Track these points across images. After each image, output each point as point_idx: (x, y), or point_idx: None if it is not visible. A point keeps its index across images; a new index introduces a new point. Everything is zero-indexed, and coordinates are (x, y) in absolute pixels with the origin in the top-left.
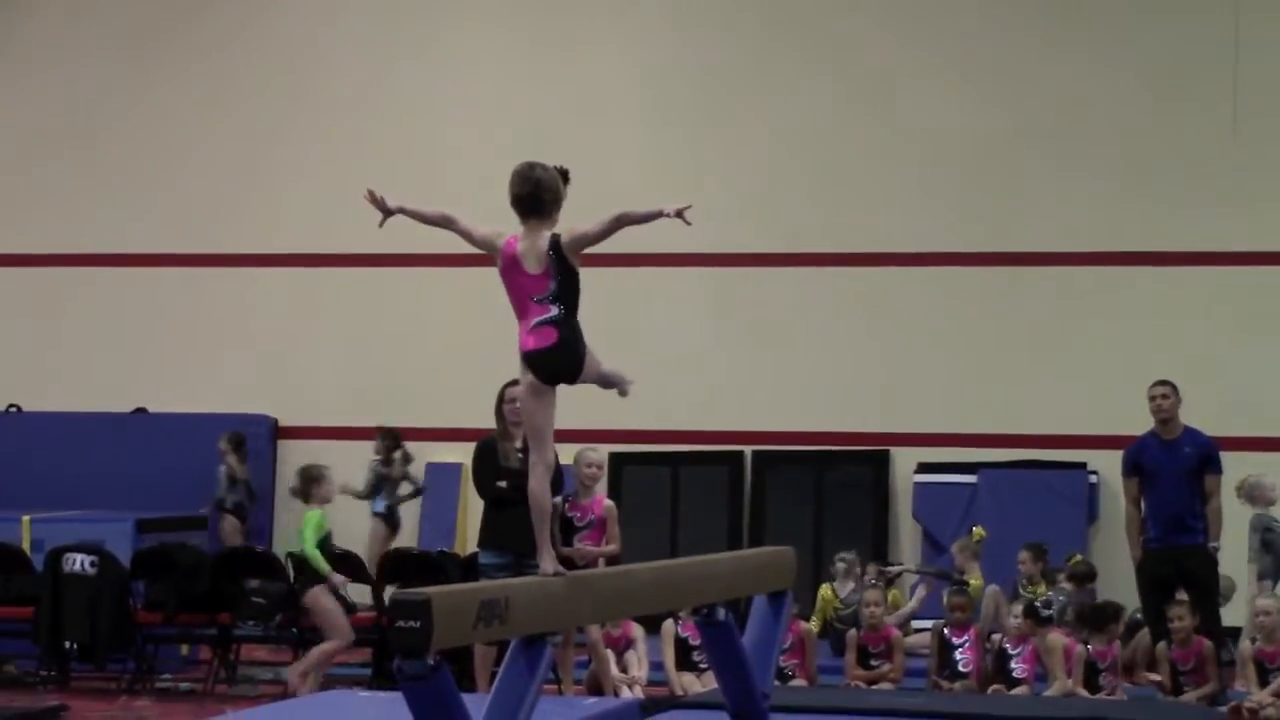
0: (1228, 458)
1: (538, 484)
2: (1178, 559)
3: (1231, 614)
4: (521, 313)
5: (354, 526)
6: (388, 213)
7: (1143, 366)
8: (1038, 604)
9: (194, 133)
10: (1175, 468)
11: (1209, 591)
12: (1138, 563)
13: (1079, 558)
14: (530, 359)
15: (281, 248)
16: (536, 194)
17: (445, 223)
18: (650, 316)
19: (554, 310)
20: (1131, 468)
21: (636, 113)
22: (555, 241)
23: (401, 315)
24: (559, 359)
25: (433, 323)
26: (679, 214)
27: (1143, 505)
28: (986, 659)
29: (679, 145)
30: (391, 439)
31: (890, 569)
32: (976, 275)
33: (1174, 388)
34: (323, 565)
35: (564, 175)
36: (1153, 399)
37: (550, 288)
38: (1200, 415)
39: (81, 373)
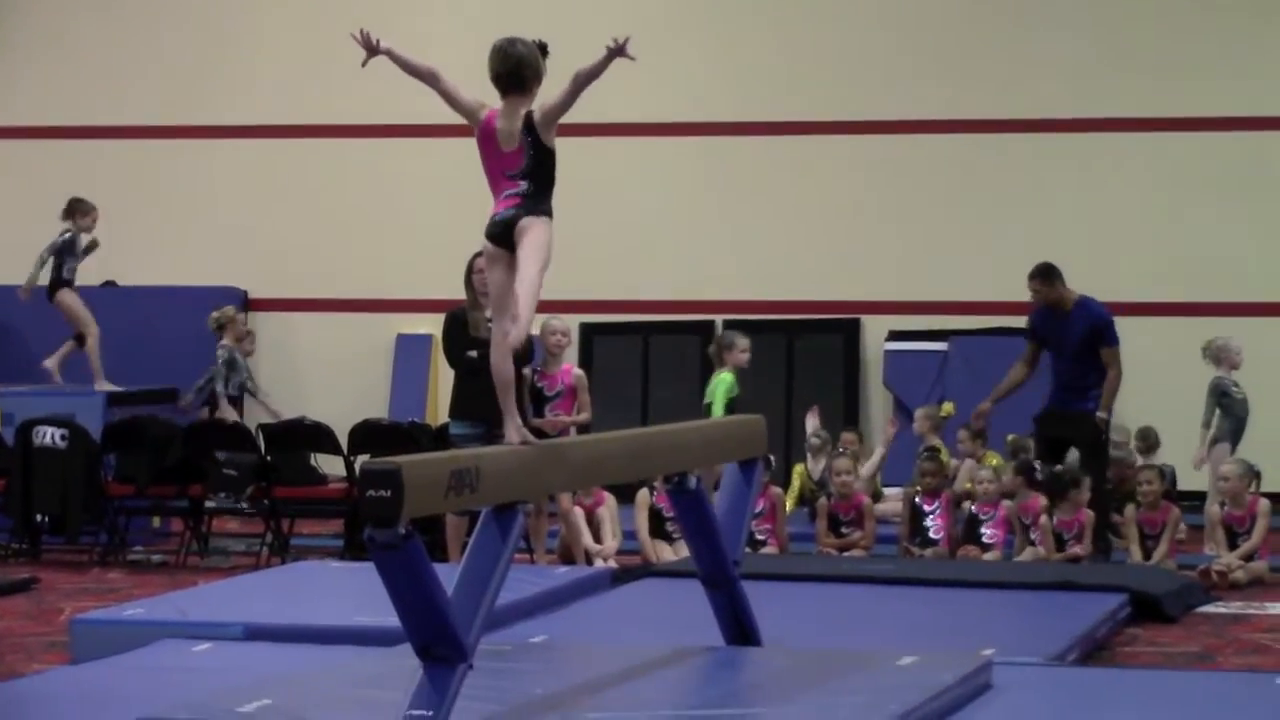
0: (1194, 323)
1: (498, 354)
2: (1069, 421)
3: (1194, 478)
4: (495, 188)
5: None
6: (374, 52)
7: (1113, 232)
8: (1035, 462)
9: (161, 2)
10: (1068, 340)
11: (1095, 456)
12: (1034, 420)
13: (1014, 437)
14: (488, 223)
15: (250, 119)
16: (518, 71)
17: (431, 78)
18: (619, 187)
19: (523, 185)
20: (1029, 333)
21: None
22: (529, 120)
23: (371, 186)
24: (509, 218)
25: (402, 194)
26: (621, 47)
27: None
28: (957, 526)
29: (650, 17)
30: None
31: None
32: (946, 142)
33: (1044, 277)
34: None
35: (543, 49)
36: (1034, 292)
37: (522, 165)
38: (1167, 280)
39: None
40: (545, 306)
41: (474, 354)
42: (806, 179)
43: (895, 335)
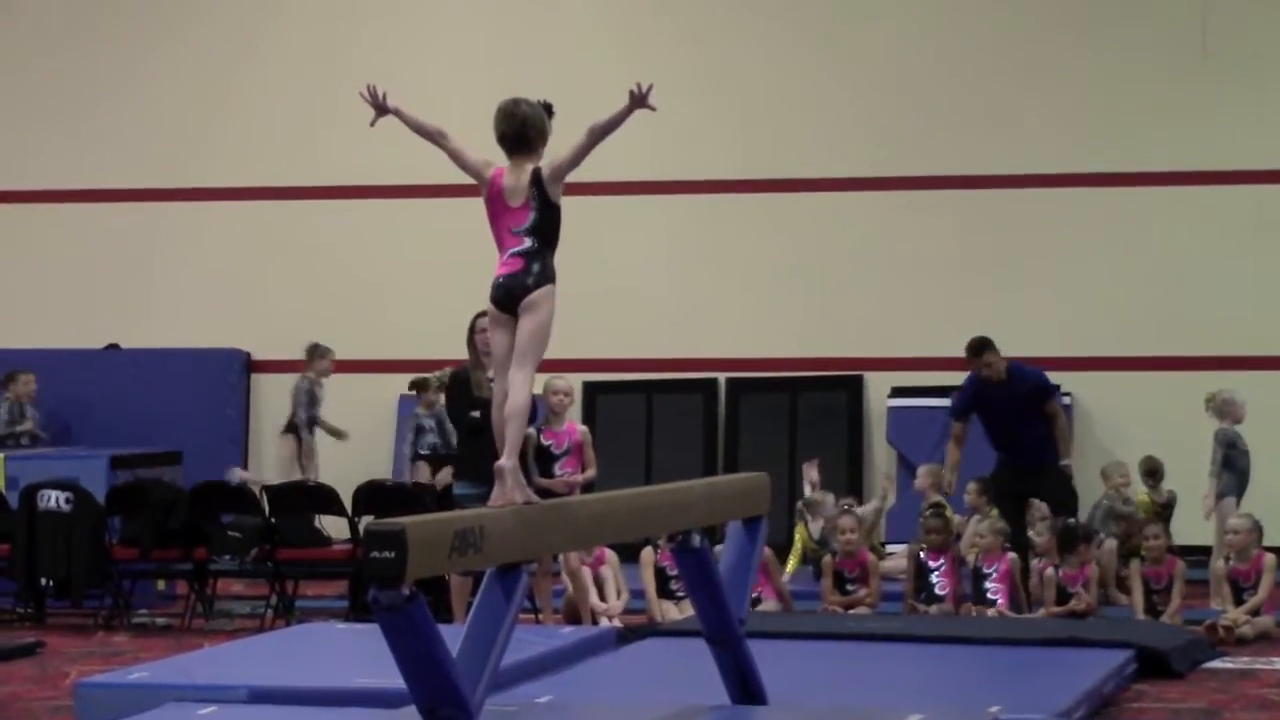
0: (1196, 377)
1: (498, 415)
2: (1034, 476)
3: (1198, 533)
4: (500, 244)
5: None
6: (382, 111)
7: (1117, 287)
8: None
9: (160, 65)
10: (1010, 406)
11: (1063, 507)
12: (994, 477)
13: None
14: (493, 286)
15: (252, 180)
16: (522, 131)
17: (438, 137)
18: (621, 245)
19: (528, 243)
20: (959, 412)
21: (604, 42)
22: (536, 175)
23: (372, 246)
24: (513, 284)
25: (403, 254)
26: (643, 97)
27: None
28: (964, 583)
29: (651, 74)
30: None
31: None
32: (948, 198)
33: (994, 348)
34: None
35: (548, 109)
36: (988, 366)
37: (528, 221)
38: (1169, 334)
39: (53, 309)
40: (548, 365)
41: (477, 414)
42: (808, 236)
43: (898, 391)
